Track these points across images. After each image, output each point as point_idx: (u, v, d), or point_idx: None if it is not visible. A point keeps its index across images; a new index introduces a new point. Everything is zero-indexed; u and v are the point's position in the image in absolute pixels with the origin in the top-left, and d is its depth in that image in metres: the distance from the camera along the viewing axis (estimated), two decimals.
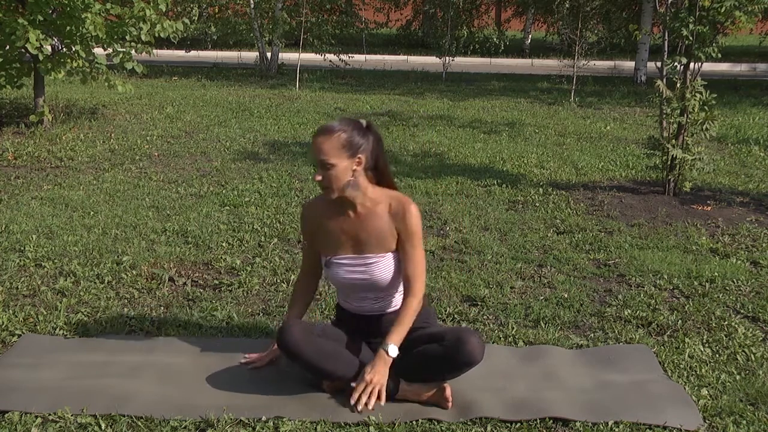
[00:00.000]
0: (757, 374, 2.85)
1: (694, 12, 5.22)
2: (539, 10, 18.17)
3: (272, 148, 6.94)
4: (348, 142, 2.53)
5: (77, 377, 2.71)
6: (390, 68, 15.22)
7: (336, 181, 2.56)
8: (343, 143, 2.53)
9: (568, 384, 2.73)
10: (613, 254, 4.20)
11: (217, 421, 2.44)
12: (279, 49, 13.62)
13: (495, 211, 5.01)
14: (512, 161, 6.60)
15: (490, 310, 3.43)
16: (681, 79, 5.35)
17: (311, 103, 9.91)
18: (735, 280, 3.83)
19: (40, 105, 7.47)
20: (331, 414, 2.50)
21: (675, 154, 5.36)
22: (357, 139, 2.55)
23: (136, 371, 2.75)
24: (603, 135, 8.00)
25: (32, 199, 5.07)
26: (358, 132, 2.56)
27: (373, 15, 19.15)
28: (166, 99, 9.91)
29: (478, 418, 2.49)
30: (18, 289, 3.55)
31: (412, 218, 2.61)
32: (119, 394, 2.59)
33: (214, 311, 3.34)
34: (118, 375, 2.72)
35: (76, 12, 6.72)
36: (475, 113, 9.42)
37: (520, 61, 17.88)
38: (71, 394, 2.58)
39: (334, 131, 2.53)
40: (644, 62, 13.26)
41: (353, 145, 2.54)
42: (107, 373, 2.74)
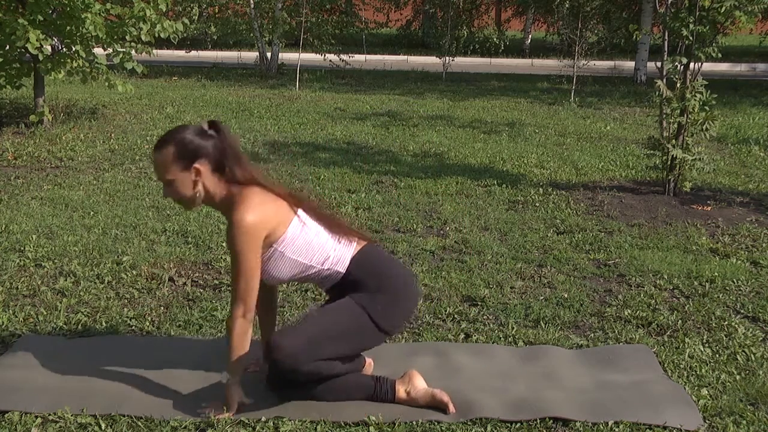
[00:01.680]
0: (757, 374, 2.85)
1: (694, 12, 5.22)
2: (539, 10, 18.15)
3: (272, 148, 6.95)
4: (179, 153, 2.38)
5: (77, 377, 2.71)
6: (390, 68, 15.22)
7: (180, 195, 2.44)
8: (173, 156, 2.38)
9: (568, 384, 2.73)
10: (613, 254, 4.20)
11: (217, 421, 2.44)
12: (279, 49, 13.62)
13: (495, 211, 5.01)
14: (512, 161, 6.60)
15: (490, 310, 3.43)
16: (681, 79, 5.35)
17: (311, 103, 9.91)
18: (735, 280, 3.83)
19: (40, 105, 7.47)
20: (331, 414, 2.50)
21: (675, 154, 5.36)
22: (192, 147, 2.38)
23: (136, 371, 2.75)
24: (603, 135, 8.00)
25: (32, 199, 5.07)
26: (196, 138, 2.40)
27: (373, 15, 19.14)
28: (166, 99, 9.91)
29: (478, 418, 2.49)
30: (18, 289, 3.55)
31: (231, 228, 2.37)
32: (119, 394, 2.59)
33: (214, 311, 3.34)
34: (118, 375, 2.72)
35: (76, 12, 6.72)
36: (475, 113, 9.42)
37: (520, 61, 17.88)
38: (71, 394, 2.58)
39: (164, 145, 2.39)
40: (644, 62, 13.26)
41: (187, 156, 2.38)
42: (107, 373, 2.74)
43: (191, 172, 2.41)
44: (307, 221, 2.51)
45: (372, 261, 2.56)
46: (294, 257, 2.48)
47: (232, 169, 2.43)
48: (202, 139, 2.42)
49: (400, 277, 2.58)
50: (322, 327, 2.46)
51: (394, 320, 2.54)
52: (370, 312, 2.48)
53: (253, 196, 2.40)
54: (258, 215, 2.37)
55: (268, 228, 2.40)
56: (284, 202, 2.49)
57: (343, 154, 6.78)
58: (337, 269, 2.52)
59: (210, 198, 2.47)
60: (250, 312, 2.42)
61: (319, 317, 2.49)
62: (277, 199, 2.47)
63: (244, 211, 2.36)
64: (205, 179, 2.43)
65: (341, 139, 7.47)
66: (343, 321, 2.48)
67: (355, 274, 2.52)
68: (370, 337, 2.52)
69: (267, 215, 2.40)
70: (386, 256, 2.64)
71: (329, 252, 2.51)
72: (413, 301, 2.61)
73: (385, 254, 2.65)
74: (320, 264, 2.51)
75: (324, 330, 2.45)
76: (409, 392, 2.58)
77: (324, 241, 2.51)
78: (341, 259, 2.52)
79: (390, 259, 2.65)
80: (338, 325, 2.47)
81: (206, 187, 2.45)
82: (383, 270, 2.56)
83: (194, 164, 2.40)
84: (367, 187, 5.59)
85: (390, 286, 2.53)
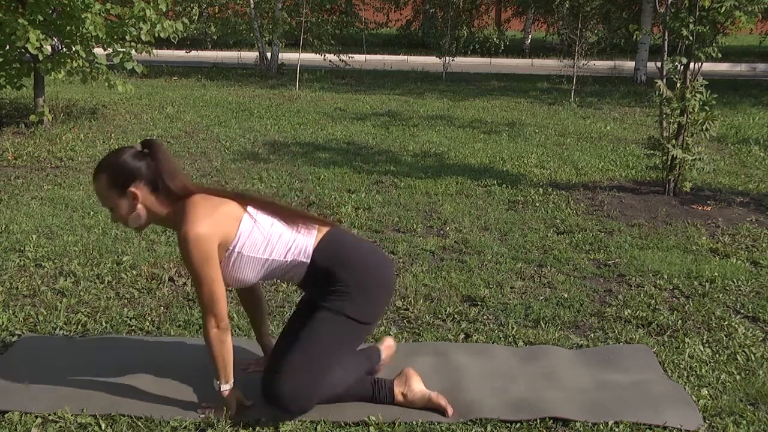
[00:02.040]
0: (757, 374, 2.85)
1: (694, 12, 5.22)
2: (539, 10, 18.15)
3: (272, 148, 6.94)
4: (112, 180, 2.38)
5: (77, 377, 2.71)
6: (390, 68, 15.21)
7: (124, 219, 2.44)
8: (108, 183, 2.38)
9: (568, 384, 2.73)
10: (613, 254, 4.20)
11: (217, 421, 2.44)
12: (279, 49, 13.62)
13: (495, 211, 5.01)
14: (512, 161, 6.60)
15: (490, 310, 3.43)
16: (681, 79, 5.35)
17: (311, 104, 9.91)
18: (735, 280, 3.83)
19: (40, 105, 7.47)
20: (331, 414, 2.50)
21: (675, 154, 5.36)
22: (124, 172, 2.37)
23: (137, 371, 2.75)
24: (603, 135, 8.00)
25: (32, 199, 5.07)
26: (129, 161, 2.37)
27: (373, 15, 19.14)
28: (166, 99, 9.91)
29: (478, 418, 2.49)
30: (18, 289, 3.55)
31: (180, 244, 2.32)
32: (119, 394, 2.59)
33: None
34: (118, 375, 2.72)
35: (76, 12, 6.72)
36: (475, 113, 9.42)
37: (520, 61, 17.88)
38: (71, 394, 2.58)
39: (98, 174, 2.39)
40: (644, 62, 13.26)
41: (121, 181, 2.37)
42: (107, 373, 2.74)
43: (128, 197, 2.40)
44: (258, 217, 2.45)
45: (336, 248, 2.50)
46: (253, 255, 2.42)
47: (168, 186, 2.39)
48: (136, 161, 2.39)
49: (369, 259, 2.52)
50: (312, 354, 2.42)
51: (374, 307, 2.50)
52: (348, 313, 2.44)
53: (196, 207, 2.35)
54: (204, 225, 2.32)
55: (218, 234, 2.35)
56: (231, 203, 2.44)
57: (343, 154, 6.78)
58: (300, 260, 2.46)
59: (155, 217, 2.45)
60: (222, 321, 2.38)
61: (304, 343, 2.43)
62: (222, 202, 2.41)
63: (190, 224, 2.31)
64: (145, 201, 2.41)
65: (341, 139, 7.47)
66: (328, 337, 2.44)
67: (322, 264, 2.46)
68: (359, 333, 2.50)
69: (214, 222, 2.35)
70: (350, 240, 2.56)
71: (289, 243, 2.46)
72: (388, 278, 2.54)
73: (348, 237, 2.58)
74: (282, 256, 2.45)
75: (314, 357, 2.42)
76: (406, 395, 2.56)
77: (281, 233, 2.45)
78: (303, 249, 2.46)
79: (354, 242, 2.57)
80: (326, 344, 2.43)
81: (148, 208, 2.42)
82: (350, 255, 2.49)
83: (129, 188, 2.39)
84: (367, 187, 5.60)
85: (360, 271, 2.47)
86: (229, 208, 2.42)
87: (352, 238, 2.60)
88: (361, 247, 2.56)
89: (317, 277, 2.49)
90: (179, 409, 2.51)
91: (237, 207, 2.44)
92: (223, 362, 2.43)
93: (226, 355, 2.42)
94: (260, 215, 2.46)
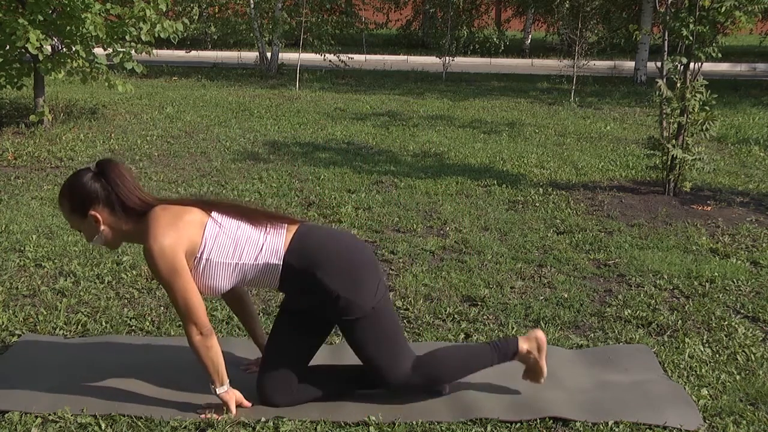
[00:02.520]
0: (757, 374, 2.85)
1: (694, 12, 5.22)
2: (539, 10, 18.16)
3: (272, 149, 6.94)
4: (72, 206, 2.41)
5: (77, 377, 2.71)
6: (390, 68, 15.21)
7: (96, 239, 2.46)
8: (69, 210, 2.42)
9: (568, 384, 2.73)
10: (613, 254, 4.20)
11: (217, 421, 2.44)
12: (279, 49, 13.61)
13: (495, 211, 5.01)
14: (512, 161, 6.60)
15: (490, 310, 3.43)
16: (681, 79, 5.35)
17: (311, 104, 9.91)
18: (735, 280, 3.83)
19: (40, 105, 7.47)
20: (331, 414, 2.50)
21: (675, 154, 5.36)
22: (81, 197, 2.39)
23: (136, 371, 2.75)
24: (603, 135, 8.00)
25: (32, 199, 5.08)
26: (85, 184, 2.39)
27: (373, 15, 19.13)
28: (166, 99, 9.91)
29: (478, 418, 2.49)
30: (18, 289, 3.55)
31: (147, 259, 2.33)
32: (119, 394, 2.59)
33: (214, 311, 3.34)
34: (118, 375, 2.72)
35: (76, 12, 6.72)
36: (475, 113, 9.42)
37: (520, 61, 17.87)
38: (71, 394, 2.58)
39: (60, 201, 2.43)
40: (644, 62, 13.25)
41: (79, 206, 2.40)
42: (107, 373, 2.74)
43: (90, 219, 2.41)
44: (222, 221, 2.43)
45: (308, 247, 2.46)
46: (223, 260, 2.41)
47: (126, 204, 2.40)
48: (92, 184, 2.40)
49: (341, 249, 2.49)
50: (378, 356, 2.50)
51: (369, 289, 2.47)
52: (359, 314, 2.45)
53: (157, 219, 2.35)
54: (167, 236, 2.31)
55: (183, 244, 2.34)
56: (194, 210, 2.42)
57: (343, 154, 6.78)
58: (272, 261, 2.43)
59: (122, 235, 2.46)
60: (204, 327, 2.37)
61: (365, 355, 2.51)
62: (184, 211, 2.40)
63: (153, 237, 2.31)
64: (107, 222, 2.42)
65: (341, 139, 7.47)
66: (372, 341, 2.49)
67: (296, 265, 2.43)
68: (385, 317, 2.51)
69: (177, 232, 2.34)
70: (319, 236, 2.52)
71: (258, 244, 2.43)
72: (366, 258, 2.52)
73: (317, 233, 2.54)
74: (253, 259, 2.42)
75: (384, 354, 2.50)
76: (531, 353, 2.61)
77: (249, 235, 2.44)
78: (274, 250, 2.43)
79: (324, 237, 2.53)
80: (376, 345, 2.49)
81: (112, 228, 2.44)
82: (323, 252, 2.46)
83: (89, 212, 2.40)
84: (367, 187, 5.60)
85: (336, 265, 2.44)
86: (191, 215, 2.40)
87: (322, 232, 2.56)
88: (331, 240, 2.52)
89: (294, 280, 2.46)
90: (179, 409, 2.51)
91: (200, 213, 2.42)
92: (214, 366, 2.42)
93: (215, 359, 2.41)
94: (225, 219, 2.44)
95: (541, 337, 2.62)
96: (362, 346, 2.50)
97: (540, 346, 2.61)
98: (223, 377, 2.46)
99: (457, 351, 2.65)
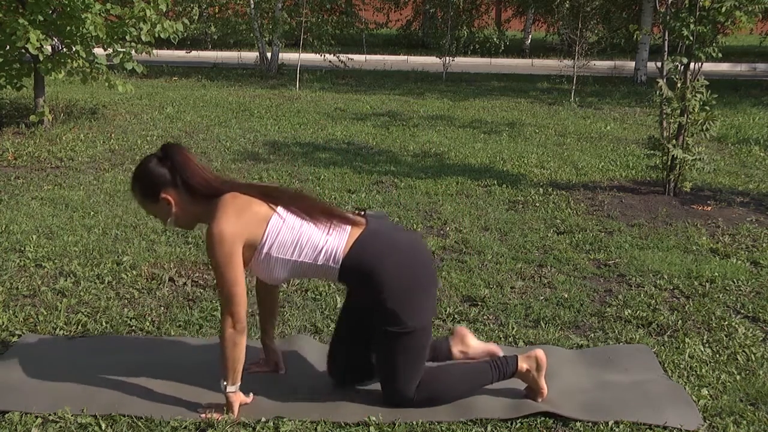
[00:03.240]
0: (757, 374, 2.85)
1: (694, 12, 5.22)
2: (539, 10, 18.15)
3: (272, 149, 6.94)
4: (144, 190, 2.49)
5: (77, 377, 2.71)
6: (390, 68, 15.21)
7: (170, 222, 2.52)
8: (142, 195, 2.50)
9: (568, 384, 2.73)
10: (613, 254, 4.20)
11: (217, 421, 2.44)
12: (279, 49, 13.61)
13: (495, 211, 5.01)
14: (512, 161, 6.60)
15: (490, 310, 3.43)
16: (681, 79, 5.35)
17: (311, 104, 9.91)
18: (735, 280, 3.83)
19: (40, 105, 7.47)
20: (331, 414, 2.50)
21: (675, 154, 5.36)
22: (151, 180, 2.47)
23: (136, 371, 2.75)
24: (603, 135, 8.00)
25: (32, 199, 5.07)
26: (154, 169, 2.47)
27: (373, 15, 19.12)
28: (166, 99, 9.91)
29: (478, 418, 2.49)
30: (18, 289, 3.55)
31: (207, 241, 2.37)
32: (119, 394, 2.59)
33: (214, 311, 3.34)
34: (118, 375, 2.72)
35: (76, 12, 6.72)
36: (475, 113, 9.42)
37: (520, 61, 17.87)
38: (71, 394, 2.58)
39: (132, 186, 2.53)
40: (644, 62, 13.25)
41: (151, 189, 2.47)
42: (107, 373, 2.74)
43: (162, 203, 2.48)
44: (287, 218, 2.45)
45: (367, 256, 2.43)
46: (281, 256, 2.43)
47: (192, 185, 2.46)
48: (159, 168, 2.47)
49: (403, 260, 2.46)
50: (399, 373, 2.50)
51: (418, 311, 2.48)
52: (402, 329, 2.45)
53: (225, 206, 2.39)
54: (231, 224, 2.35)
55: (244, 235, 2.38)
56: (261, 203, 2.45)
57: (343, 154, 6.78)
58: (330, 265, 2.44)
59: (194, 216, 2.51)
60: (239, 322, 2.40)
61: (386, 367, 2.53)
62: (252, 202, 2.43)
63: (217, 222, 2.36)
64: (178, 203, 2.48)
65: (341, 139, 7.47)
66: (401, 357, 2.49)
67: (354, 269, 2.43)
68: (424, 338, 2.53)
69: (241, 223, 2.37)
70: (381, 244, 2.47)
71: (318, 246, 2.44)
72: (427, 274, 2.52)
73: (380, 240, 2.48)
74: (312, 259, 2.44)
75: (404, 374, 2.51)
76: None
77: (310, 234, 2.44)
78: (333, 254, 2.43)
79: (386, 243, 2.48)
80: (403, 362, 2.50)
81: (184, 210, 2.49)
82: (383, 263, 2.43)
83: (161, 195, 2.46)
84: (367, 187, 5.59)
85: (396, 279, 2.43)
86: (258, 208, 2.44)
87: (385, 240, 2.49)
88: (394, 251, 2.48)
89: (351, 281, 2.50)
90: (179, 409, 2.51)
91: (266, 207, 2.45)
92: (233, 363, 2.44)
93: (238, 357, 2.43)
94: (289, 216, 2.46)
95: (541, 356, 2.61)
96: (390, 358, 2.50)
97: (539, 365, 2.60)
98: (237, 377, 2.48)
99: (457, 371, 2.64)
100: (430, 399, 2.55)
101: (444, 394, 2.57)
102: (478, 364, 2.66)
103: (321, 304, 3.45)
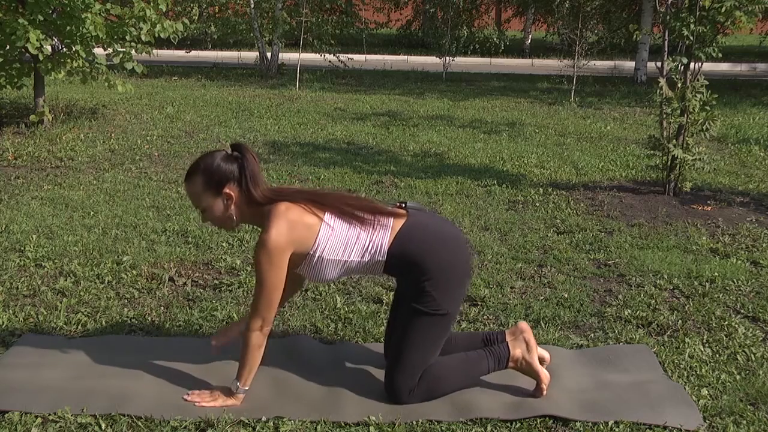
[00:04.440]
0: (757, 374, 2.85)
1: (694, 12, 5.22)
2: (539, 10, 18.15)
3: (272, 148, 6.94)
4: (207, 181, 2.51)
5: (77, 377, 2.71)
6: (390, 68, 15.21)
7: (218, 220, 2.57)
8: (203, 185, 2.51)
9: (568, 384, 2.73)
10: (613, 254, 4.20)
11: (217, 421, 2.44)
12: (279, 49, 13.61)
13: (495, 211, 5.01)
14: (512, 161, 6.60)
15: (490, 310, 3.43)
16: (681, 79, 5.35)
17: (311, 103, 9.92)
18: (735, 280, 3.83)
19: (40, 105, 7.47)
20: (331, 414, 2.50)
21: (675, 154, 5.36)
22: (219, 173, 2.50)
23: (136, 371, 2.75)
24: (603, 135, 8.00)
25: (32, 199, 5.07)
26: (222, 163, 2.51)
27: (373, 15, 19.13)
28: (166, 99, 9.91)
29: (478, 418, 2.49)
30: (18, 289, 3.55)
31: (257, 245, 2.44)
32: (119, 394, 2.59)
33: (214, 311, 3.34)
34: (118, 375, 2.72)
35: (76, 12, 6.72)
36: (475, 113, 9.42)
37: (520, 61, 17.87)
38: (71, 394, 2.58)
39: (193, 175, 2.53)
40: (644, 62, 13.25)
41: (215, 182, 2.50)
42: (107, 373, 2.74)
43: (222, 197, 2.52)
44: (334, 223, 2.54)
45: (410, 246, 2.54)
46: (333, 258, 2.53)
47: (253, 186, 2.52)
48: (228, 164, 2.52)
49: (443, 251, 2.55)
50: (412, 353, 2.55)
51: (457, 294, 2.58)
52: (432, 309, 2.52)
53: (280, 215, 2.46)
54: (284, 235, 2.43)
55: (294, 244, 2.46)
56: (311, 214, 2.52)
57: (343, 154, 6.78)
58: (377, 258, 2.55)
59: (244, 217, 2.58)
60: (267, 326, 2.49)
61: (402, 343, 2.57)
62: (304, 215, 2.50)
63: (271, 231, 2.43)
64: (237, 201, 2.53)
65: (341, 139, 7.47)
66: (429, 337, 2.56)
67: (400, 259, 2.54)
68: (447, 325, 2.59)
69: (293, 234, 2.45)
70: (422, 234, 2.57)
71: (365, 243, 2.54)
72: (464, 264, 2.60)
73: (423, 231, 2.58)
74: (360, 256, 2.54)
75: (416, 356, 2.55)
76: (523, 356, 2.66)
77: (358, 234, 2.54)
78: (379, 248, 2.53)
79: (428, 234, 2.57)
80: (427, 345, 2.56)
81: (240, 209, 2.55)
82: (425, 253, 2.53)
83: (224, 189, 2.51)
84: (367, 187, 5.60)
85: (437, 269, 2.53)
86: (309, 219, 2.51)
87: (428, 229, 2.59)
88: (436, 240, 2.57)
89: (395, 270, 2.58)
90: (179, 409, 2.51)
91: (315, 218, 2.52)
92: (251, 365, 2.53)
93: (257, 359, 2.53)
94: (336, 221, 2.54)
95: (524, 327, 2.70)
96: (409, 335, 2.56)
97: (528, 344, 2.66)
98: (249, 380, 2.55)
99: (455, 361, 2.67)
100: (428, 390, 2.57)
101: (444, 384, 2.60)
102: (474, 353, 2.70)
103: (321, 304, 3.45)
